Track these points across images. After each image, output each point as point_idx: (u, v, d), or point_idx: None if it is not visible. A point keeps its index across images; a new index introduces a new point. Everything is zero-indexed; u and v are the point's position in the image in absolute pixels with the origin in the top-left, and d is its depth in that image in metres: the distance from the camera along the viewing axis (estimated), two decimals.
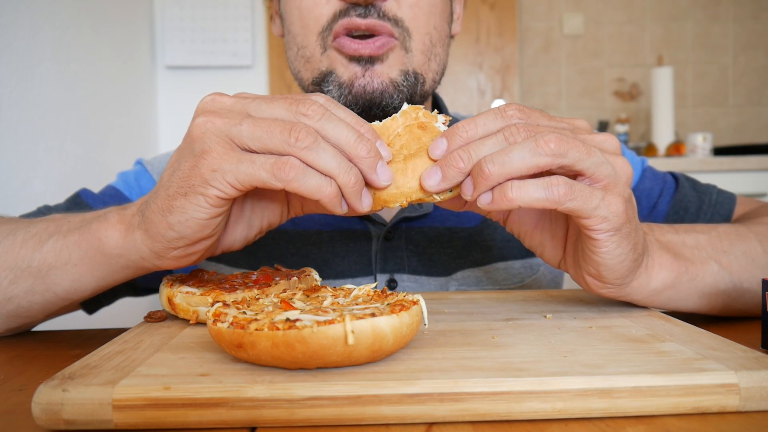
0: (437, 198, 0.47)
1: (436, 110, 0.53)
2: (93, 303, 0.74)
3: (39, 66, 1.49)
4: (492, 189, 0.44)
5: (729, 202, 0.77)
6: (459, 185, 0.46)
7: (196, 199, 0.45)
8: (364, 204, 0.46)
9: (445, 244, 0.76)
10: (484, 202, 0.44)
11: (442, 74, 0.72)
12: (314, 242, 0.75)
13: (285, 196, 0.53)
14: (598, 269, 0.49)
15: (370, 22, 0.63)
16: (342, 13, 0.64)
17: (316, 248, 0.75)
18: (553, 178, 0.43)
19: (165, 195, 0.46)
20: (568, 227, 0.52)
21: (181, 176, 0.45)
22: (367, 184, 0.46)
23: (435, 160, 0.46)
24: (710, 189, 0.79)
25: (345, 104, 0.64)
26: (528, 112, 0.46)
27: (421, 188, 0.46)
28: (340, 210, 0.45)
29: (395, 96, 0.65)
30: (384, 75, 0.64)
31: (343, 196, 0.45)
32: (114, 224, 0.52)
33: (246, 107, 0.45)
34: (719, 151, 2.51)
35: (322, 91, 0.66)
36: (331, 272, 0.74)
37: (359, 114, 0.64)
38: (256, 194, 0.52)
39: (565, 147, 0.43)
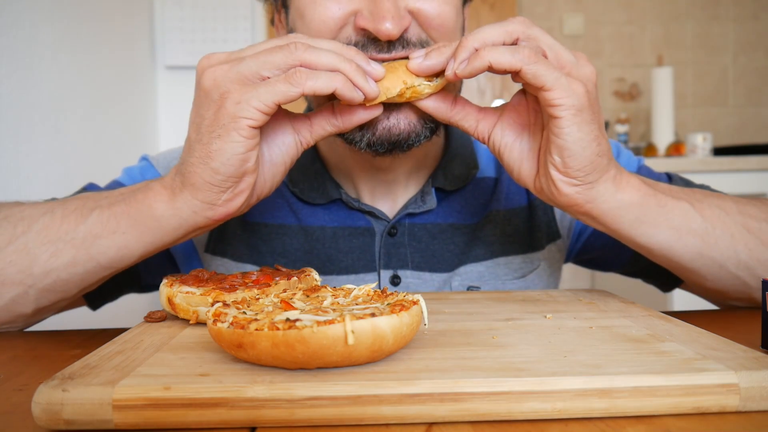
0: (427, 85, 0.54)
1: None
2: (97, 298, 0.74)
3: (39, 66, 1.49)
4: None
5: None
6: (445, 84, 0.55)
7: (231, 137, 0.49)
8: (371, 86, 0.52)
9: (448, 240, 0.76)
10: (461, 68, 0.50)
11: None
12: (318, 238, 0.76)
13: (293, 128, 0.57)
14: (561, 155, 0.52)
15: (397, 55, 0.61)
16: (360, 47, 0.61)
17: (320, 244, 0.75)
18: (521, 45, 0.50)
19: (199, 146, 0.51)
20: (542, 139, 0.56)
21: (209, 124, 0.50)
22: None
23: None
24: (703, 188, 0.79)
25: (369, 142, 0.63)
26: None
27: (408, 70, 0.53)
28: (356, 96, 0.51)
29: (421, 133, 0.63)
30: (411, 115, 0.62)
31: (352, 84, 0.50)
32: (159, 191, 0.55)
33: (240, 53, 0.51)
34: (719, 151, 2.51)
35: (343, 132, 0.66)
36: (335, 268, 0.74)
37: (384, 151, 0.64)
38: (267, 136, 0.56)
39: (530, 23, 0.51)
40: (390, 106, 0.60)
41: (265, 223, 0.77)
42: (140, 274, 0.78)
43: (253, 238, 0.77)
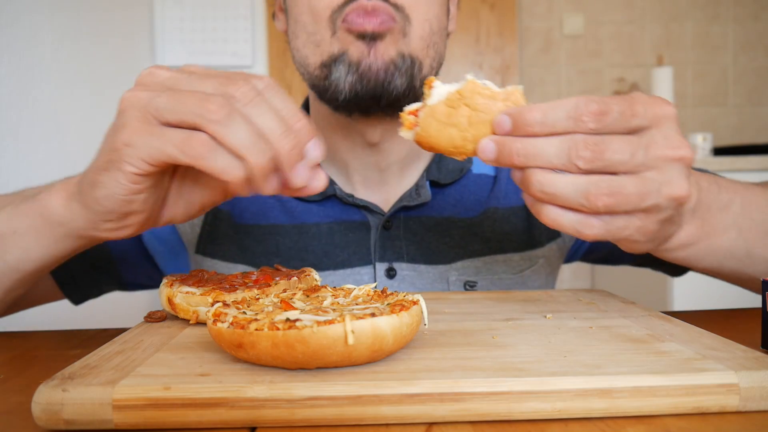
0: None
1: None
2: (77, 293, 0.75)
3: (39, 66, 1.49)
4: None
5: None
6: None
7: (115, 175, 0.45)
8: (270, 187, 0.44)
9: (444, 233, 0.77)
10: (524, 199, 0.46)
11: (440, 64, 0.74)
12: (313, 235, 0.76)
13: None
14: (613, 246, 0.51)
15: (375, 3, 0.65)
16: (348, 16, 0.65)
17: (315, 240, 0.76)
18: (591, 218, 0.44)
19: (94, 168, 0.47)
20: None
21: (105, 150, 0.45)
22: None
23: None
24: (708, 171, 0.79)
25: (352, 83, 0.66)
26: (603, 118, 0.43)
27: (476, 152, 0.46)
28: (246, 194, 0.44)
29: (396, 76, 0.67)
30: (385, 54, 0.66)
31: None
32: (58, 191, 0.52)
33: (177, 82, 0.44)
34: (719, 151, 2.51)
35: (331, 73, 0.68)
36: (331, 263, 0.75)
37: (365, 96, 0.67)
38: (192, 172, 0.51)
39: (615, 201, 0.42)
40: (369, 42, 0.66)
41: (257, 224, 0.77)
42: (119, 271, 0.79)
43: (246, 240, 0.77)
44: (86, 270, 0.76)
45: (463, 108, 0.45)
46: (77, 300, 0.76)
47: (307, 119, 0.44)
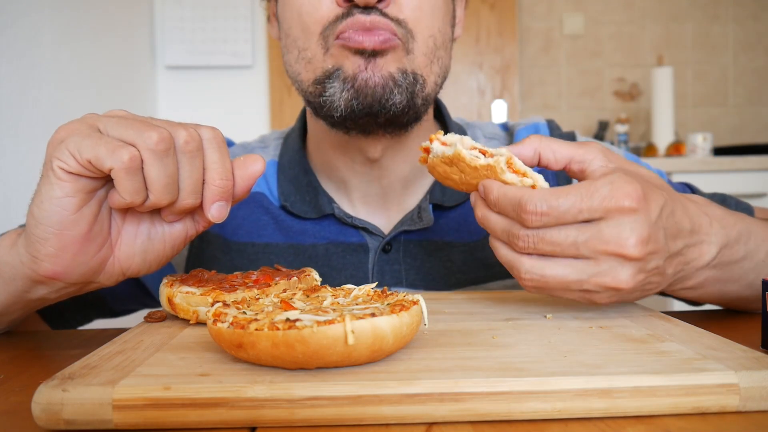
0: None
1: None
2: (58, 320, 0.74)
3: (39, 66, 1.49)
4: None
5: (749, 212, 0.75)
6: None
7: (48, 177, 0.45)
8: (167, 217, 0.49)
9: (444, 257, 0.74)
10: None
11: (445, 77, 0.71)
12: (309, 256, 0.74)
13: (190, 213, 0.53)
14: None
15: (374, 18, 0.62)
16: (345, 15, 0.63)
17: (312, 262, 0.74)
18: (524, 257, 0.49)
19: (37, 187, 0.47)
20: None
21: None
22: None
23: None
24: (727, 199, 0.77)
25: (347, 99, 0.63)
26: (543, 218, 0.46)
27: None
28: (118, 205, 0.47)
29: (395, 91, 0.64)
30: (384, 69, 0.63)
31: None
32: (10, 234, 0.52)
33: (127, 116, 0.47)
34: (719, 151, 2.51)
35: (325, 90, 0.65)
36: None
37: (361, 112, 0.64)
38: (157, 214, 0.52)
39: (543, 281, 0.48)
40: (368, 58, 0.64)
41: (251, 242, 0.75)
42: (108, 304, 0.77)
43: (239, 259, 0.75)
44: (74, 305, 0.74)
45: (455, 167, 0.53)
46: (59, 327, 0.74)
47: (231, 182, 0.48)
